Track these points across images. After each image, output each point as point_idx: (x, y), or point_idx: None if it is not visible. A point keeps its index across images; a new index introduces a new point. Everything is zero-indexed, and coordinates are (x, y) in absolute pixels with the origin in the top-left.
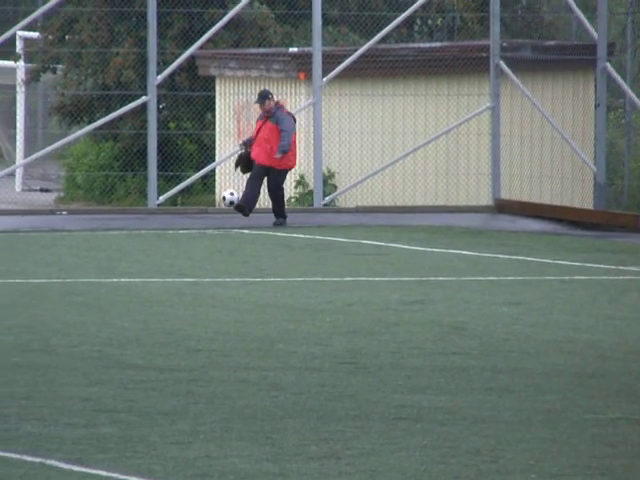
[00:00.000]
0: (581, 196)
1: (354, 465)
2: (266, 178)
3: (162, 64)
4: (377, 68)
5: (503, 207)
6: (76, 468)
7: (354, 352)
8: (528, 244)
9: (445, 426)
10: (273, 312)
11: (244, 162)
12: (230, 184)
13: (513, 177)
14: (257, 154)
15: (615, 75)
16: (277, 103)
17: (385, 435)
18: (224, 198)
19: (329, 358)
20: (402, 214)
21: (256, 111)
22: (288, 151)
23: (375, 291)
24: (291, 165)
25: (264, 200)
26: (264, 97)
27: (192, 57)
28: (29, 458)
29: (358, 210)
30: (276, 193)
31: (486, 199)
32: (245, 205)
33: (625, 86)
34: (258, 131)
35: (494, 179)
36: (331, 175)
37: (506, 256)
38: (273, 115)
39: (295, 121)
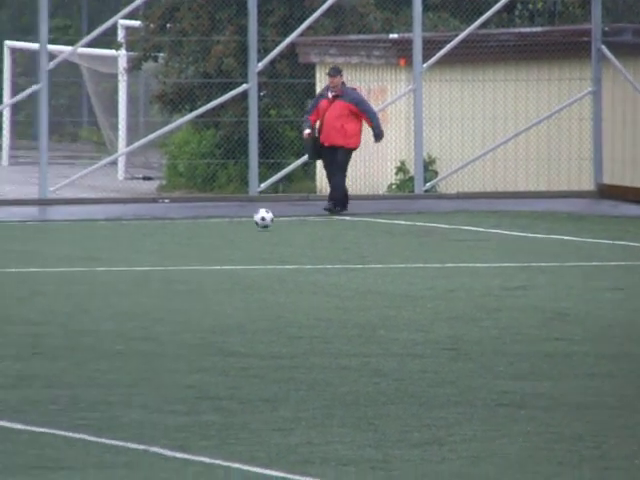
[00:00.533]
0: None
1: (456, 451)
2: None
3: (263, 51)
4: (478, 53)
5: (605, 192)
6: (179, 455)
7: (456, 338)
8: (631, 229)
9: (548, 412)
10: (374, 299)
11: (314, 147)
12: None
13: (615, 162)
14: (327, 135)
15: None
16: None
17: (488, 421)
18: (262, 219)
19: (431, 344)
20: (503, 199)
21: None
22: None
23: (477, 277)
24: (358, 144)
25: (361, 187)
26: (339, 71)
27: (292, 44)
28: (133, 445)
29: (459, 196)
30: (342, 174)
31: (588, 184)
32: (339, 207)
33: None
34: (324, 111)
35: (596, 164)
36: (432, 161)
37: (609, 241)
38: (345, 94)
39: None
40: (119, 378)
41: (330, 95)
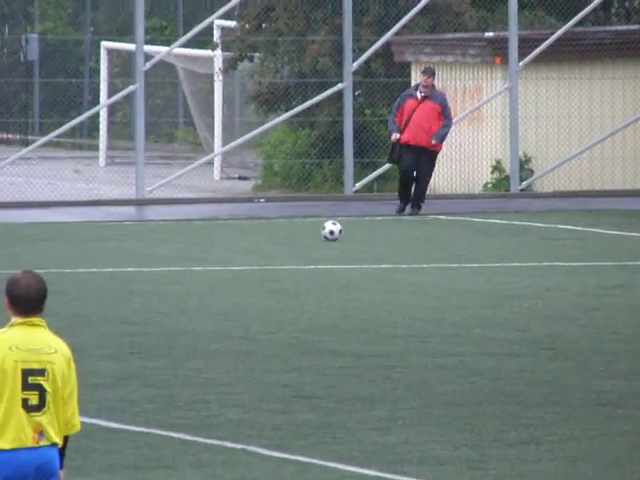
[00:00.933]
0: None
1: (554, 451)
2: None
3: (358, 51)
4: (574, 51)
5: None
6: (276, 454)
7: (553, 337)
8: None
9: None
10: (470, 298)
11: (397, 150)
12: None
13: None
14: (415, 135)
15: None
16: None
17: (585, 421)
18: (331, 232)
19: (527, 343)
20: (600, 198)
21: (451, 96)
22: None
23: (573, 276)
24: (441, 149)
25: (456, 185)
26: (434, 72)
27: (387, 43)
28: (230, 444)
29: (555, 195)
30: (428, 178)
31: None
32: (420, 206)
33: None
34: (411, 110)
35: None
36: (528, 160)
37: None
38: (436, 96)
39: None
40: (216, 377)
41: (419, 95)
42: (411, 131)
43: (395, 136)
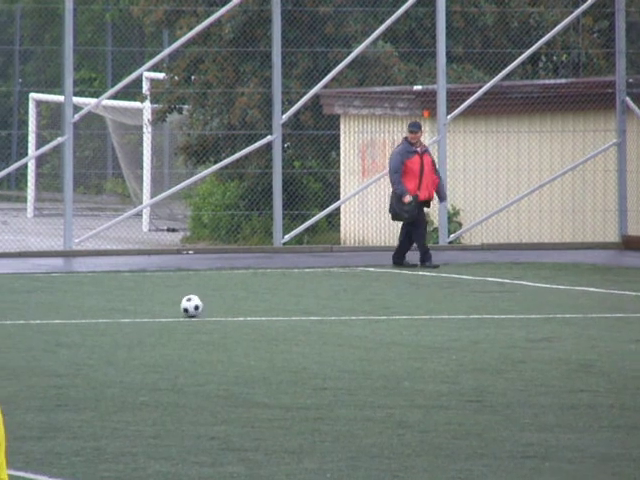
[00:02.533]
0: None
1: None
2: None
3: (287, 103)
4: (502, 105)
5: (630, 243)
6: None
7: (480, 390)
8: None
9: (573, 464)
10: (399, 350)
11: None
12: (354, 221)
13: None
14: (429, 189)
15: None
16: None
17: (513, 473)
18: (186, 310)
19: (456, 396)
20: (528, 251)
21: (380, 149)
22: None
23: (501, 329)
24: None
25: (385, 237)
26: (420, 126)
27: (317, 96)
28: None
29: (483, 247)
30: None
31: (613, 236)
32: (430, 258)
33: None
34: (420, 166)
35: (621, 215)
36: (456, 212)
37: (634, 293)
38: (427, 148)
39: None
40: (143, 429)
41: (420, 150)
42: (428, 188)
43: (408, 198)
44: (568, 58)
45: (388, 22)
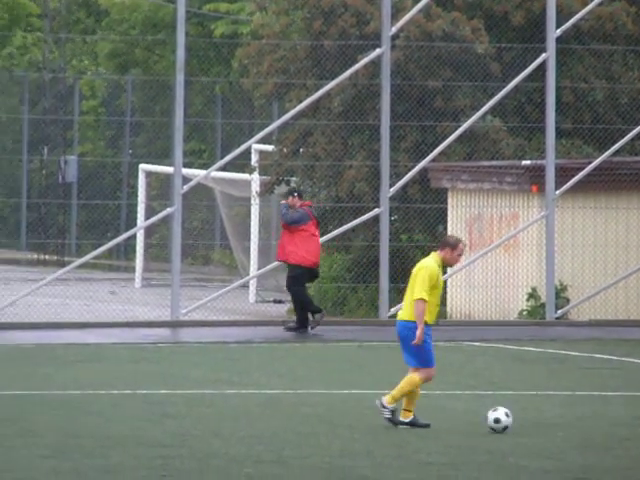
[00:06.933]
0: None
1: None
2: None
3: (395, 176)
4: (611, 181)
5: None
6: None
7: (586, 467)
8: None
9: None
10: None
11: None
12: (461, 296)
13: None
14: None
15: None
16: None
17: None
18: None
19: (561, 473)
20: (636, 328)
21: (487, 223)
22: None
23: (607, 405)
24: None
25: (492, 312)
26: (290, 192)
27: (424, 169)
28: None
29: (591, 323)
30: None
31: None
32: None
33: None
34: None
35: None
36: (563, 288)
37: None
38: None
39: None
40: None
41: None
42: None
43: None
44: None
45: (497, 97)
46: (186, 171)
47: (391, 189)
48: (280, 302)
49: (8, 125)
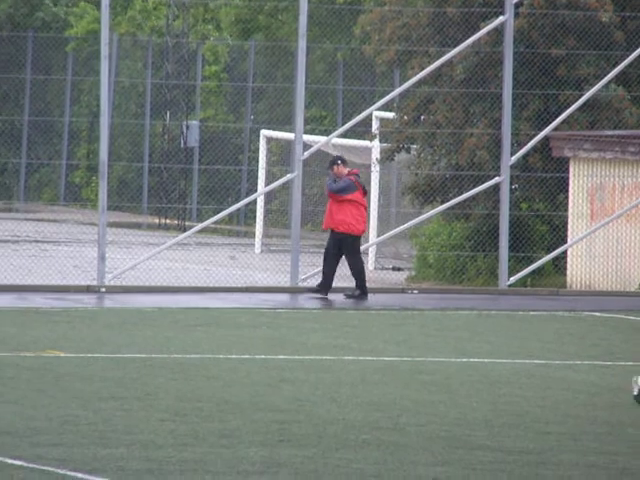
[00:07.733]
0: None
1: None
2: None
3: (516, 145)
4: None
5: None
6: None
7: None
8: None
9: None
10: (623, 396)
11: None
12: (582, 265)
13: None
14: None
15: None
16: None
17: None
18: None
19: None
20: None
21: (609, 193)
22: None
23: None
24: None
25: (612, 283)
26: (334, 162)
27: (546, 138)
28: None
29: None
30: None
31: None
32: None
33: None
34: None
35: None
36: None
37: None
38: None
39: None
40: (365, 468)
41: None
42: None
43: None
44: None
45: (621, 65)
46: (307, 137)
47: (512, 157)
48: (399, 269)
49: (131, 90)
